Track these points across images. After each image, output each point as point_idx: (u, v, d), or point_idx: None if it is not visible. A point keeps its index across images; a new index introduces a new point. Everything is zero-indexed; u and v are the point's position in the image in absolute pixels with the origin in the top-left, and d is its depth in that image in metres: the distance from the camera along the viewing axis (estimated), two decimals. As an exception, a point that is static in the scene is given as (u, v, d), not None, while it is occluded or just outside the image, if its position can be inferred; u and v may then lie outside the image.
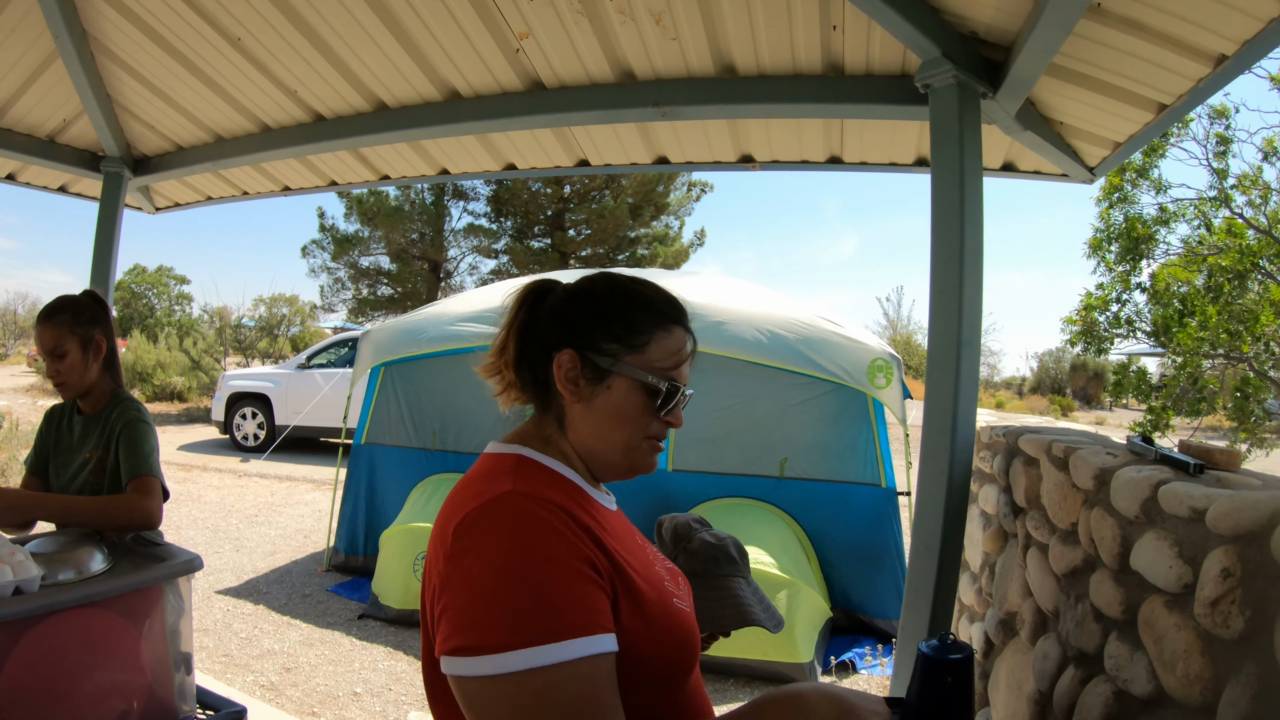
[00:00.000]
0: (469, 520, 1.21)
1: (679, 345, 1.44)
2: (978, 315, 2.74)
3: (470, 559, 1.17)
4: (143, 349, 24.07)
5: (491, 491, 1.25)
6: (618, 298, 1.45)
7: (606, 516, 1.41)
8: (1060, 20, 2.33)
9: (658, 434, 1.44)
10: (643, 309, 1.44)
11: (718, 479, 6.30)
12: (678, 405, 1.44)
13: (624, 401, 1.40)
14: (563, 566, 1.16)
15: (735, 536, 1.87)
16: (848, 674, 5.35)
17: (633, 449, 1.43)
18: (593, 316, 1.42)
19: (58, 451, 3.29)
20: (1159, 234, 10.12)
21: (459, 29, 3.34)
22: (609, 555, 1.26)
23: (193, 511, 9.84)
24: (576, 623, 1.13)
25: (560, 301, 1.47)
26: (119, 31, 3.82)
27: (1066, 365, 42.65)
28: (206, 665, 5.23)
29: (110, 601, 2.61)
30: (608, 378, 1.39)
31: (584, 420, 1.41)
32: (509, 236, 27.20)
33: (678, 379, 1.43)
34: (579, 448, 1.43)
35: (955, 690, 1.95)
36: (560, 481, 1.37)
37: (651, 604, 1.30)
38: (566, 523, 1.22)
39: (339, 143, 4.23)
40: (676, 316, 1.47)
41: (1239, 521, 1.47)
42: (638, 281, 1.50)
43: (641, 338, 1.41)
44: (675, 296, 1.51)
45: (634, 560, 1.35)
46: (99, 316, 3.18)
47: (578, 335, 1.41)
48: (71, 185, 5.45)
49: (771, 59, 3.24)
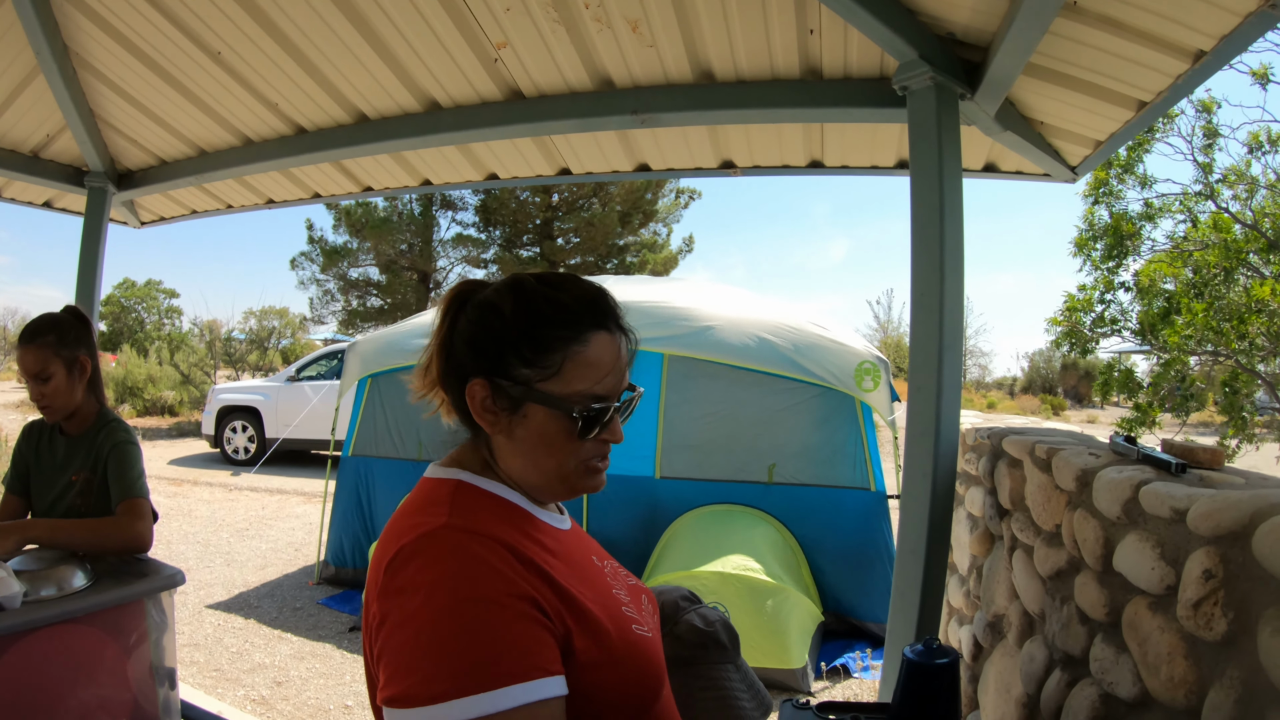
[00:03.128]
0: (403, 555, 1.14)
1: (601, 356, 1.29)
2: (959, 318, 2.74)
3: (404, 598, 1.10)
4: (133, 363, 24.02)
5: (427, 524, 1.17)
6: (524, 314, 1.29)
7: (557, 539, 1.31)
8: (1036, 19, 2.33)
9: (593, 454, 1.32)
10: (553, 323, 1.27)
11: (706, 485, 6.28)
12: (611, 422, 1.31)
13: (544, 430, 1.27)
14: (500, 608, 1.09)
15: (725, 616, 1.75)
16: (840, 678, 5.33)
17: (567, 474, 1.31)
18: (500, 339, 1.28)
19: (40, 470, 3.24)
20: (1144, 230, 10.15)
21: (437, 40, 3.34)
22: (557, 589, 1.18)
23: (183, 526, 9.78)
24: (514, 669, 1.06)
25: (469, 322, 1.34)
26: (100, 47, 3.81)
27: (1057, 365, 42.81)
28: (197, 680, 5.20)
29: (93, 617, 2.61)
30: (522, 406, 1.27)
31: (508, 450, 1.31)
32: (498, 246, 27.17)
33: (603, 396, 1.28)
34: (513, 475, 1.32)
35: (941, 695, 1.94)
36: (502, 507, 1.28)
37: (609, 635, 1.21)
38: (506, 559, 1.14)
39: (320, 155, 4.22)
40: (597, 320, 1.30)
41: (1220, 522, 1.46)
42: (551, 286, 1.33)
43: (552, 359, 1.26)
44: (600, 292, 1.35)
45: (587, 589, 1.25)
46: (83, 336, 3.12)
47: (487, 361, 1.29)
48: (56, 200, 5.43)
49: (749, 64, 3.24)
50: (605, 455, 1.35)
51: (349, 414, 7.75)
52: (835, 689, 5.18)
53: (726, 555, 5.27)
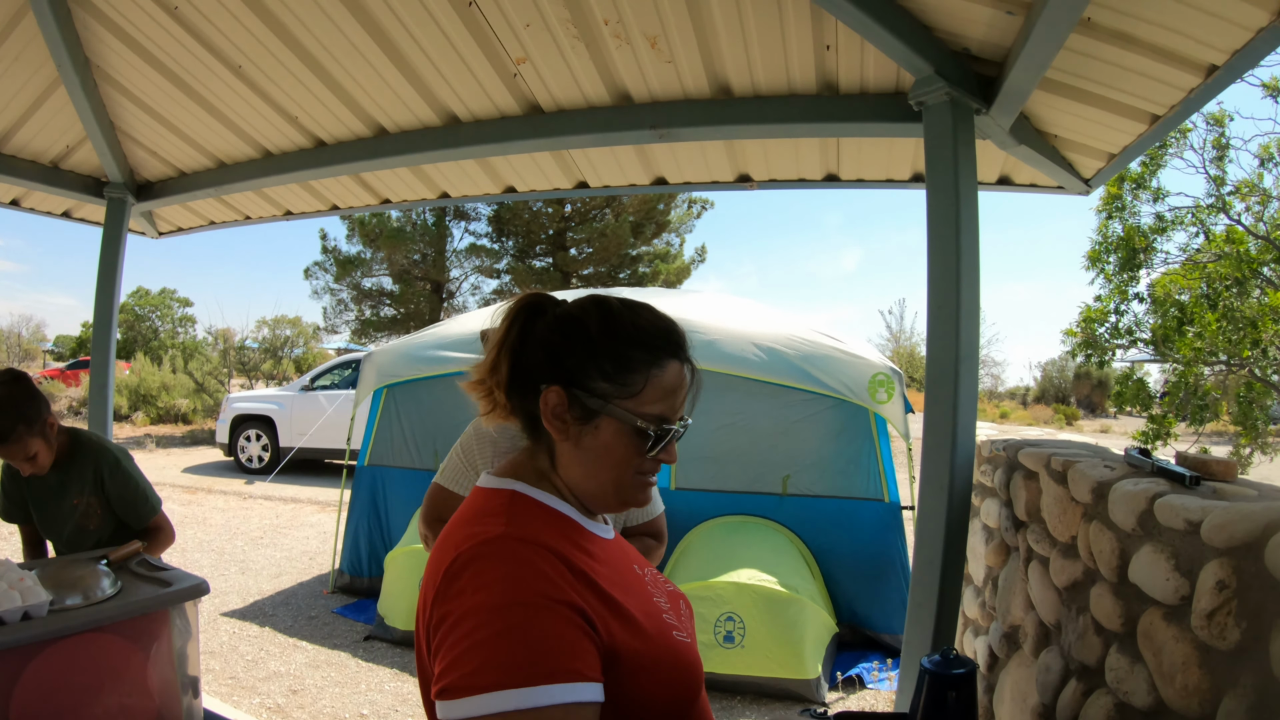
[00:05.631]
0: (462, 562, 1.18)
1: (675, 383, 1.36)
2: (975, 330, 2.76)
3: (462, 600, 1.14)
4: (147, 371, 24.12)
5: (485, 533, 1.22)
6: (610, 332, 1.34)
7: (602, 548, 1.36)
8: (1051, 35, 2.35)
9: (649, 470, 1.38)
10: (637, 345, 1.34)
11: (721, 497, 6.30)
12: (671, 443, 1.38)
13: (613, 443, 1.33)
14: (549, 612, 1.13)
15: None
16: (855, 689, 5.33)
17: (623, 486, 1.36)
18: (582, 352, 1.33)
19: (38, 503, 3.33)
20: (1157, 243, 10.14)
21: (457, 55, 3.38)
22: (604, 596, 1.23)
23: (198, 534, 9.83)
24: (556, 669, 1.09)
25: (549, 331, 1.37)
26: (121, 59, 3.86)
27: (1070, 374, 42.60)
28: (213, 688, 5.23)
29: (118, 626, 2.63)
30: (596, 418, 1.32)
31: (572, 458, 1.35)
32: (511, 256, 27.26)
33: (671, 419, 1.35)
34: (569, 483, 1.37)
35: (958, 705, 1.96)
36: (555, 518, 1.32)
37: (651, 639, 1.26)
38: (559, 569, 1.18)
39: (340, 168, 4.27)
40: (673, 350, 1.37)
41: (1233, 533, 1.48)
42: (633, 310, 1.39)
43: (635, 378, 1.32)
44: (673, 324, 1.41)
45: (630, 596, 1.30)
46: (35, 398, 3.11)
47: (566, 371, 1.33)
48: (75, 211, 5.49)
49: (766, 80, 3.27)
50: (656, 472, 1.40)
51: (364, 423, 7.79)
52: (849, 700, 5.18)
53: (741, 566, 5.29)
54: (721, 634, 5.05)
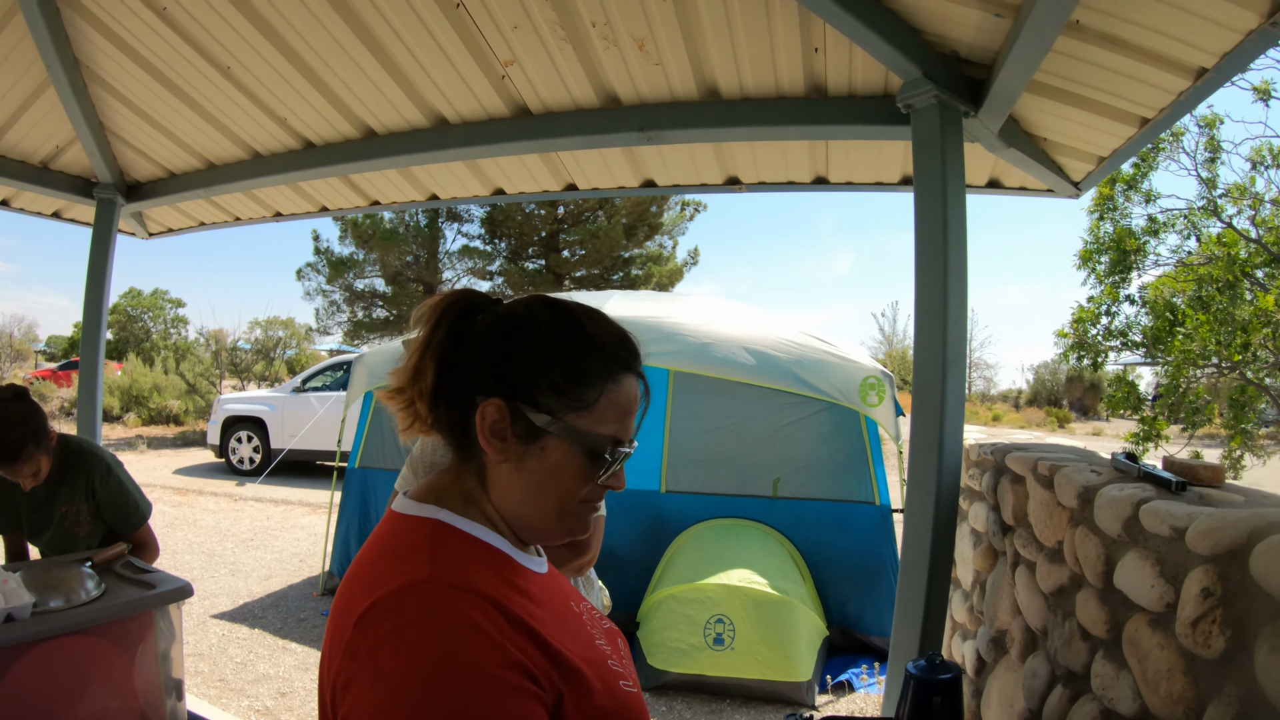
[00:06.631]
0: (378, 611, 1.00)
1: (631, 400, 1.20)
2: (962, 334, 2.75)
3: (377, 660, 0.96)
4: (139, 372, 24.09)
5: (405, 575, 1.04)
6: (564, 338, 1.18)
7: (538, 585, 1.18)
8: (1039, 38, 2.34)
9: (596, 498, 1.21)
10: (595, 355, 1.17)
11: (711, 500, 6.29)
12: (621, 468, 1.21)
13: (561, 467, 1.16)
14: (490, 680, 0.95)
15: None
16: (845, 693, 5.33)
17: (567, 514, 1.20)
18: (531, 360, 1.16)
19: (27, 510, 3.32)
20: (1148, 245, 10.16)
21: (445, 57, 3.36)
22: (546, 649, 1.04)
23: (188, 536, 9.80)
24: None
25: (491, 332, 1.20)
26: (110, 60, 3.84)
27: (1063, 377, 42.72)
28: (202, 690, 5.21)
29: (101, 628, 2.62)
30: (542, 437, 1.15)
31: (509, 481, 1.17)
32: (503, 258, 27.25)
33: (624, 441, 1.19)
34: (503, 509, 1.19)
35: (943, 710, 1.96)
36: (486, 554, 1.14)
37: (599, 694, 1.09)
38: (495, 620, 1.00)
39: (329, 169, 4.25)
40: (629, 361, 1.21)
41: (1218, 540, 1.47)
42: (588, 315, 1.23)
43: (589, 393, 1.15)
44: (628, 332, 1.25)
45: (573, 643, 1.12)
46: (38, 412, 3.11)
47: (509, 381, 1.15)
48: (65, 211, 5.47)
49: (754, 82, 3.26)
50: (602, 498, 1.26)
51: (355, 426, 7.76)
52: (839, 703, 5.18)
53: (732, 569, 5.28)
54: (711, 636, 5.04)
